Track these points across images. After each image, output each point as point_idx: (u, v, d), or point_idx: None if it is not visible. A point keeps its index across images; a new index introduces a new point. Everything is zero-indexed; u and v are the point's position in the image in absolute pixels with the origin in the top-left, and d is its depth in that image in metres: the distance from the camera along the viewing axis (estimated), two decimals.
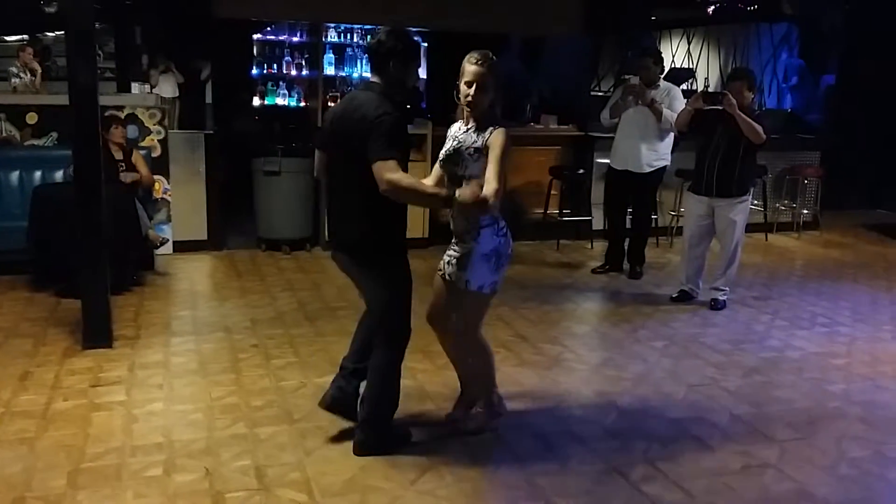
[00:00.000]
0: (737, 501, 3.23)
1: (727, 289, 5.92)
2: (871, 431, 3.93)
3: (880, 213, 9.73)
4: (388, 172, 3.09)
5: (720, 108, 5.47)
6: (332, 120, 3.42)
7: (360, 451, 3.44)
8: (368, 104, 3.23)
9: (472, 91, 3.36)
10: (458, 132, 3.50)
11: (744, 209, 5.74)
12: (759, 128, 5.41)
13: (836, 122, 10.05)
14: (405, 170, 3.19)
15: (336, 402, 3.57)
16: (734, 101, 5.38)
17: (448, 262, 3.51)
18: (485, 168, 3.31)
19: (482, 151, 3.35)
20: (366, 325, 3.61)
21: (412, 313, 3.47)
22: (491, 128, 3.38)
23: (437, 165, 3.59)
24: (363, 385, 3.52)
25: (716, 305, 5.84)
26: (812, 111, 10.76)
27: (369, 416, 3.44)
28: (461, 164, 3.42)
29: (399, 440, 3.54)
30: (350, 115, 3.27)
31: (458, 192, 3.22)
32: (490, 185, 3.23)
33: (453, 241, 3.53)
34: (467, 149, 3.40)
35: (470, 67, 3.36)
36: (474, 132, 3.42)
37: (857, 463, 3.59)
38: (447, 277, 3.51)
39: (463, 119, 3.50)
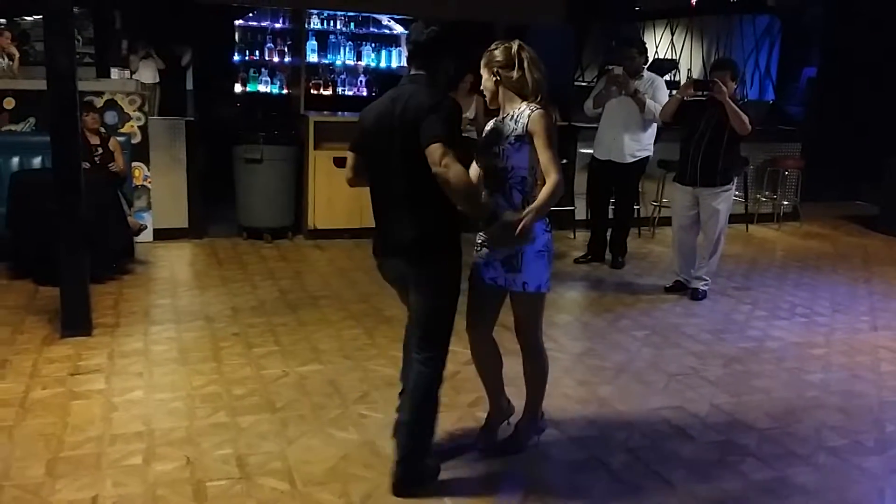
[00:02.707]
0: (716, 490, 3.26)
1: (708, 279, 5.95)
2: (849, 421, 3.97)
3: (859, 204, 9.83)
4: (446, 157, 2.84)
5: (704, 97, 5.48)
6: (375, 118, 3.09)
7: (398, 490, 3.08)
8: (421, 94, 2.99)
9: (483, 80, 3.21)
10: (493, 123, 3.23)
11: (727, 198, 5.75)
12: (745, 117, 5.42)
13: (816, 113, 10.12)
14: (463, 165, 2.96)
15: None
16: (725, 89, 5.39)
17: (489, 265, 3.20)
18: (528, 158, 3.07)
19: (524, 139, 3.06)
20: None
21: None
22: (528, 110, 3.08)
23: (474, 163, 3.24)
24: None
25: (697, 295, 5.87)
26: (793, 103, 10.82)
27: (408, 448, 3.10)
28: (501, 155, 3.11)
29: (431, 473, 3.20)
30: (398, 110, 2.99)
31: (504, 215, 2.99)
32: (551, 177, 2.99)
33: (481, 236, 3.20)
34: (507, 137, 3.10)
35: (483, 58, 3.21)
36: (510, 119, 3.12)
37: (835, 452, 3.63)
38: (498, 283, 3.21)
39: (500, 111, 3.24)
